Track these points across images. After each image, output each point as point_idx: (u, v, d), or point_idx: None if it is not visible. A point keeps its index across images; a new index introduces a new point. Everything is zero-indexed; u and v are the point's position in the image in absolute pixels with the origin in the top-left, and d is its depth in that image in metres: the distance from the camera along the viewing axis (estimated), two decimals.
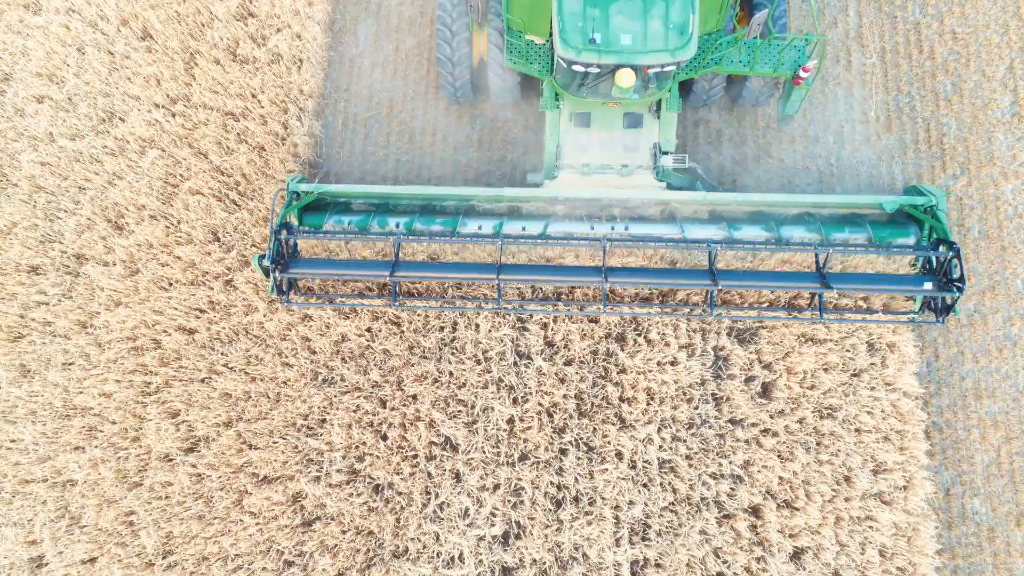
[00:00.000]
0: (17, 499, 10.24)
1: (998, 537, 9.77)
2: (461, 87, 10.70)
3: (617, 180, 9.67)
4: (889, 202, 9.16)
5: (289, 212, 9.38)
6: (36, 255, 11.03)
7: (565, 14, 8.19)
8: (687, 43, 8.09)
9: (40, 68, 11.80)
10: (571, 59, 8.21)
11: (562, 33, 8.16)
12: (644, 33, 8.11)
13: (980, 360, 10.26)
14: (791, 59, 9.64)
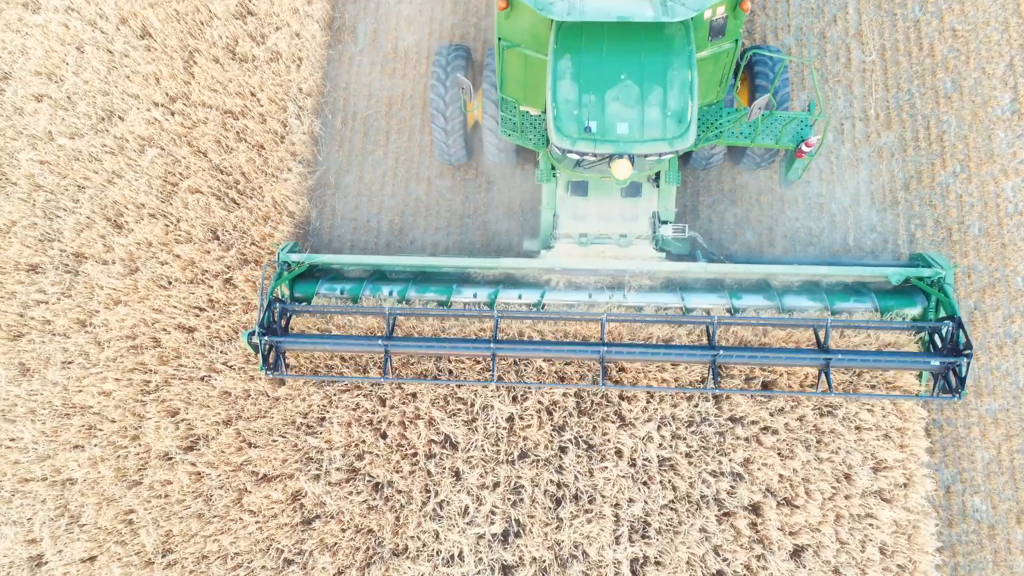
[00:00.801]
0: (16, 498, 10.23)
1: (998, 534, 9.75)
2: (455, 151, 10.48)
3: (616, 250, 9.34)
4: (895, 274, 8.94)
5: (280, 284, 9.12)
6: (35, 254, 11.03)
7: (560, 101, 7.78)
8: (685, 131, 7.73)
9: (39, 67, 11.80)
10: (566, 148, 7.89)
11: (556, 121, 7.78)
12: (641, 121, 7.73)
13: (980, 357, 10.25)
14: (793, 132, 9.39)
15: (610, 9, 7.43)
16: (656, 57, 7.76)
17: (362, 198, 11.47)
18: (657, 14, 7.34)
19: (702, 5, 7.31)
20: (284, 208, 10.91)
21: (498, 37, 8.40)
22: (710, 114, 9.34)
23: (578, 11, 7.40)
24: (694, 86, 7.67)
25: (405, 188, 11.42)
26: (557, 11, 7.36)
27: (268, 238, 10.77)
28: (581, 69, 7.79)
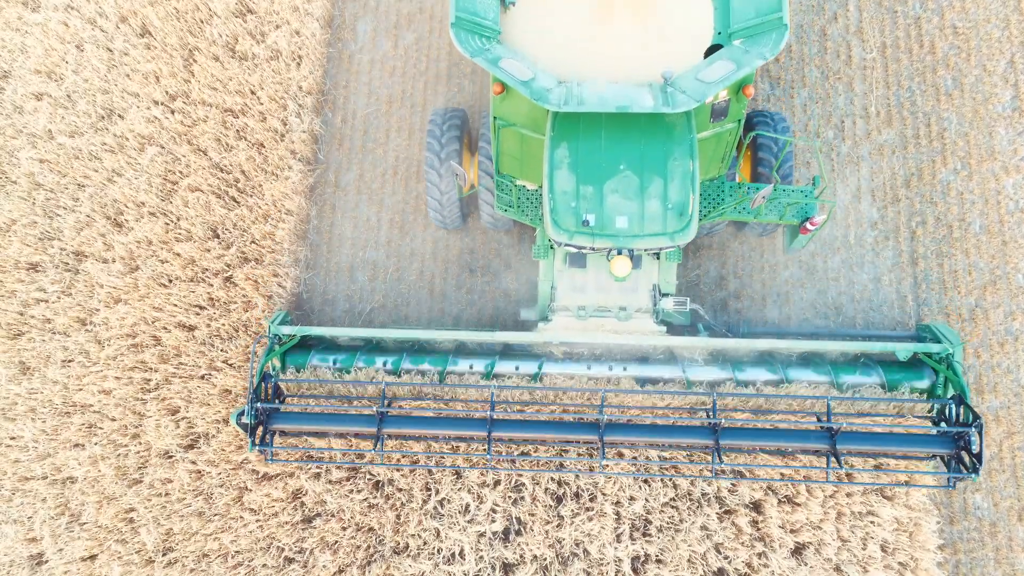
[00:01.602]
0: (17, 496, 10.23)
1: (1000, 532, 9.74)
2: (450, 218, 10.18)
3: (615, 324, 8.87)
4: (903, 350, 8.66)
5: (271, 358, 8.84)
6: (35, 252, 11.02)
7: (556, 193, 7.41)
8: (687, 226, 7.36)
9: (39, 65, 11.79)
10: (563, 242, 7.55)
11: (553, 214, 7.39)
12: (641, 214, 7.36)
13: (981, 355, 10.23)
14: (798, 208, 9.07)
15: (608, 98, 7.06)
16: (656, 146, 7.47)
17: (362, 196, 11.46)
18: (657, 104, 6.95)
19: (704, 95, 6.92)
20: (283, 206, 10.90)
21: (493, 116, 8.14)
22: (712, 189, 9.04)
23: (575, 100, 7.01)
24: (695, 177, 7.38)
25: (405, 186, 11.41)
26: (554, 100, 6.98)
27: (268, 237, 10.76)
28: (579, 158, 7.47)
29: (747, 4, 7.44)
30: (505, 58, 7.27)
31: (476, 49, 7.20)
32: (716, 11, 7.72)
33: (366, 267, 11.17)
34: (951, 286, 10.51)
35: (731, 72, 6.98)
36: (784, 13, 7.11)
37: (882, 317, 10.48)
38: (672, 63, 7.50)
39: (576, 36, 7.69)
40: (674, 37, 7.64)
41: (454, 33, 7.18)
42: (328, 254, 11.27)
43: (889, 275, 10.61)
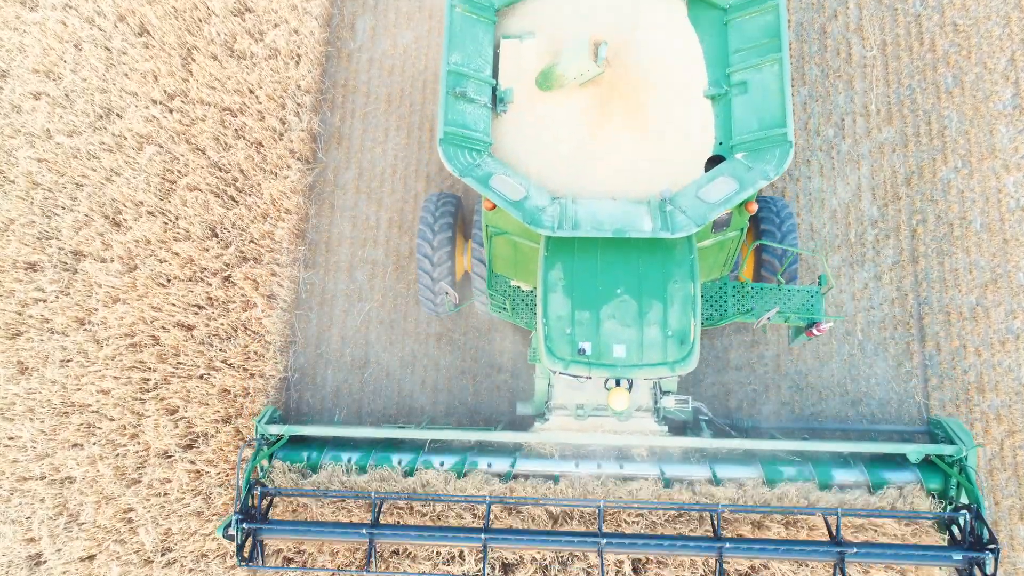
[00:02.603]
0: (15, 497, 10.20)
1: (1001, 531, 9.71)
2: (443, 305, 9.88)
3: (614, 424, 8.49)
4: (914, 452, 8.32)
5: (259, 462, 8.48)
6: (34, 252, 11.00)
7: (551, 318, 6.97)
8: (688, 354, 6.86)
9: (37, 64, 11.76)
10: (558, 371, 7.13)
11: (548, 341, 6.94)
12: (640, 342, 6.89)
13: (983, 354, 10.20)
14: (804, 310, 8.72)
15: (605, 221, 6.71)
16: (655, 268, 7.04)
17: (361, 195, 11.43)
18: (656, 228, 6.60)
19: (704, 219, 6.55)
20: (282, 205, 10.87)
21: (485, 224, 7.89)
22: (714, 291, 8.73)
23: (570, 222, 6.66)
24: (697, 301, 6.95)
25: (404, 185, 11.38)
26: (547, 223, 6.61)
27: (267, 236, 10.73)
28: (574, 281, 7.04)
29: (750, 115, 7.13)
30: (496, 174, 6.92)
31: (465, 167, 6.83)
32: (717, 119, 7.35)
33: (365, 266, 11.14)
34: (952, 284, 10.48)
35: (733, 192, 6.64)
36: (788, 129, 6.81)
37: (882, 316, 10.44)
38: (671, 176, 7.14)
39: (571, 146, 7.33)
40: (673, 148, 7.28)
41: (443, 151, 6.85)
42: (327, 253, 11.24)
43: (890, 273, 10.58)
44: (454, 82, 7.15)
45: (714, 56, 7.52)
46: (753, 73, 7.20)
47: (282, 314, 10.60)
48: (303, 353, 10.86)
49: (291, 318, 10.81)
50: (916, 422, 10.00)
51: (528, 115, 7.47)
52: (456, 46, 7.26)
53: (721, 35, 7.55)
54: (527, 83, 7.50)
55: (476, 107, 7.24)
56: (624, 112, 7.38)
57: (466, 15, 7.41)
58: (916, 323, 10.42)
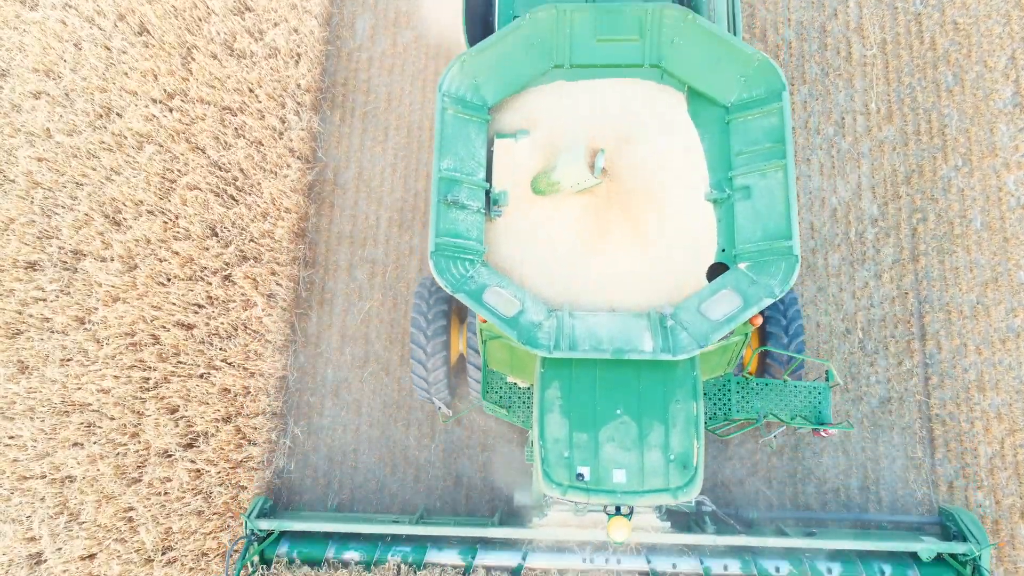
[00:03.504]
0: (16, 496, 10.20)
1: (1002, 530, 9.70)
2: (437, 390, 9.44)
3: None
4: (926, 550, 8.12)
5: (249, 559, 8.21)
6: (34, 251, 11.00)
7: (548, 441, 6.63)
8: (691, 480, 6.47)
9: (37, 64, 11.77)
10: (556, 497, 6.88)
11: (544, 464, 6.60)
12: (640, 468, 6.53)
13: (983, 352, 10.19)
14: (811, 408, 8.35)
15: (603, 339, 6.43)
16: (656, 387, 6.73)
17: (361, 194, 11.43)
18: (657, 348, 6.32)
19: (707, 340, 6.28)
20: (282, 204, 10.87)
21: (480, 329, 7.61)
22: (717, 387, 8.41)
23: (567, 341, 6.38)
24: (700, 422, 6.61)
25: (404, 183, 11.38)
26: (543, 342, 6.33)
27: (267, 235, 10.73)
28: (571, 401, 6.73)
29: (753, 223, 6.79)
30: (490, 287, 6.61)
31: (458, 281, 6.53)
32: (720, 224, 7.02)
33: (365, 265, 11.14)
34: (952, 282, 10.47)
35: (737, 310, 6.36)
36: (794, 243, 6.46)
37: (883, 314, 10.44)
38: (671, 285, 6.87)
39: (567, 253, 7.02)
40: (674, 255, 6.97)
41: (434, 264, 6.46)
42: (327, 252, 11.24)
43: (890, 271, 10.57)
44: (446, 189, 6.78)
45: (716, 156, 7.18)
46: (757, 178, 6.85)
47: (282, 313, 10.60)
48: (303, 352, 10.86)
49: (291, 317, 10.81)
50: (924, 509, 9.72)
51: (523, 220, 7.12)
52: (448, 150, 6.90)
53: (723, 134, 7.22)
54: (522, 185, 7.17)
55: (469, 213, 6.87)
56: (623, 218, 7.08)
57: (458, 116, 7.06)
58: (916, 321, 10.41)
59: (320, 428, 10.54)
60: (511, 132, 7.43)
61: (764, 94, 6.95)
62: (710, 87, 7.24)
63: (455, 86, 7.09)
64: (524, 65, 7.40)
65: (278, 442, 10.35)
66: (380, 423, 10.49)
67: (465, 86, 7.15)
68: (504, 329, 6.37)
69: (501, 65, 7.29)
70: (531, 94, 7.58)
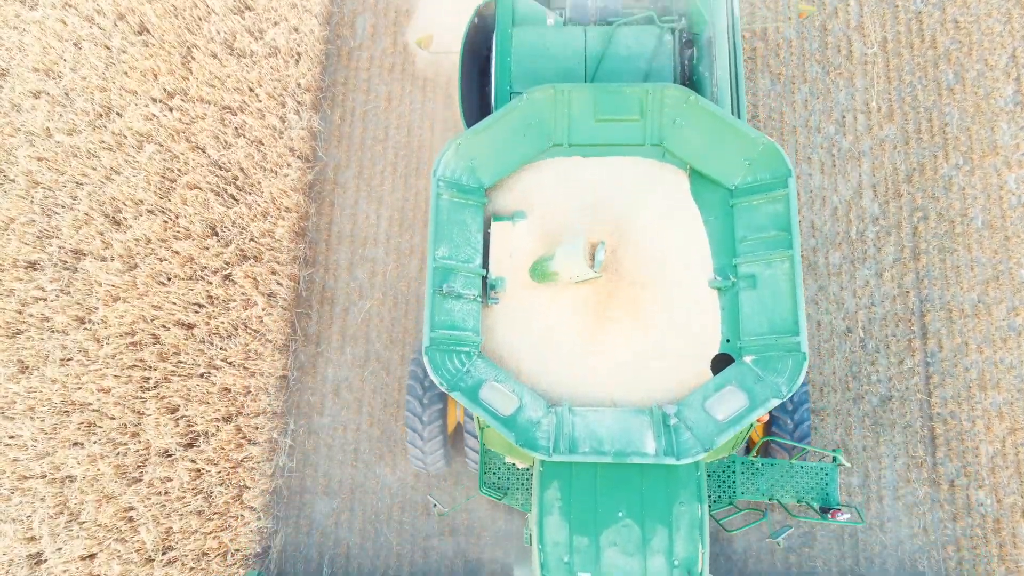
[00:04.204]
0: (16, 495, 10.19)
1: (1003, 528, 9.68)
2: (433, 463, 9.27)
3: None
4: None
5: None
6: (34, 251, 10.98)
7: (547, 544, 6.40)
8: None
9: (37, 63, 11.75)
10: None
11: (544, 570, 6.40)
12: (643, 572, 6.31)
13: (984, 350, 10.18)
14: (818, 489, 7.95)
15: (604, 439, 6.18)
16: (659, 488, 6.46)
17: (361, 193, 11.42)
18: (660, 451, 6.06)
19: (712, 442, 6.09)
20: (282, 204, 10.86)
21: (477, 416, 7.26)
22: (721, 468, 8.03)
23: (566, 442, 6.13)
24: (705, 525, 6.35)
25: (405, 182, 11.36)
26: (541, 444, 6.08)
27: (267, 234, 10.72)
28: (571, 502, 6.49)
29: (759, 314, 6.55)
30: (487, 381, 6.39)
31: (454, 378, 6.32)
32: (724, 312, 6.74)
33: (365, 264, 11.13)
34: (953, 281, 10.46)
35: (743, 410, 6.16)
36: (802, 339, 6.21)
37: (884, 313, 10.42)
38: (674, 376, 6.64)
39: (566, 343, 6.76)
40: (677, 346, 6.70)
41: (428, 360, 6.22)
42: (327, 251, 11.23)
43: (891, 270, 10.56)
44: (441, 279, 6.53)
45: (720, 241, 6.89)
46: (762, 267, 6.58)
47: (282, 312, 10.59)
48: (303, 351, 10.85)
49: (291, 316, 10.80)
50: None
51: (521, 307, 6.86)
52: (443, 237, 6.63)
53: (727, 217, 6.94)
54: (519, 271, 6.91)
55: (465, 302, 6.62)
56: (624, 306, 6.79)
57: (454, 201, 6.78)
58: (918, 320, 10.40)
59: (320, 427, 10.53)
60: (508, 214, 7.16)
61: (769, 179, 6.69)
62: (713, 169, 6.99)
63: (450, 170, 6.84)
64: (521, 145, 7.15)
65: (279, 441, 10.35)
66: (381, 422, 10.48)
67: (461, 169, 6.90)
68: (501, 431, 6.14)
69: (498, 146, 7.04)
70: (528, 172, 7.31)
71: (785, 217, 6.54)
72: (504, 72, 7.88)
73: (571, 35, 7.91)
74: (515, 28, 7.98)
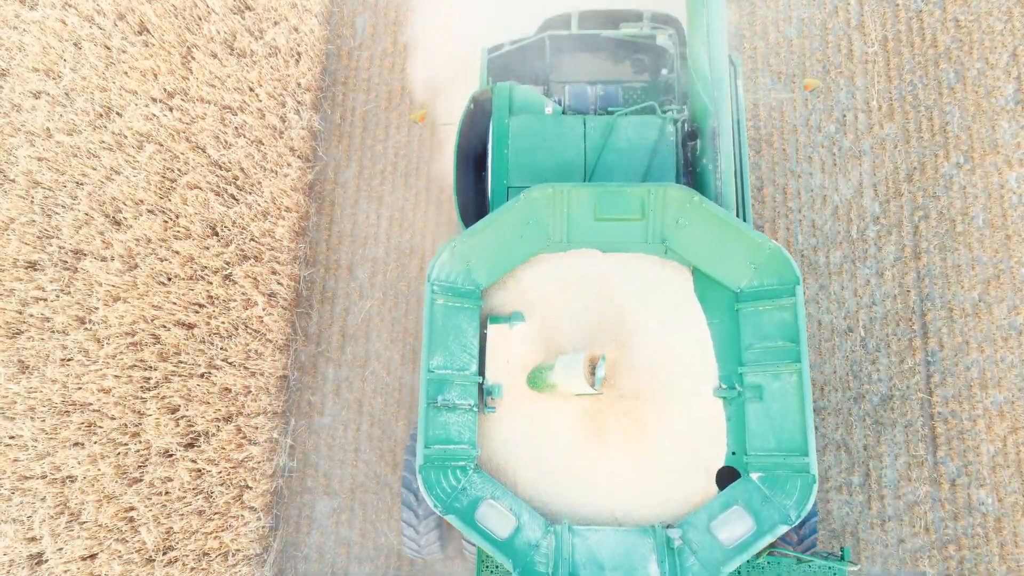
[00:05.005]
0: (16, 496, 10.18)
1: (1004, 528, 9.68)
2: (428, 548, 8.97)
3: None
4: None
5: None
6: (34, 251, 10.97)
7: None
8: None
9: (37, 63, 11.74)
10: None
11: None
12: None
13: (985, 349, 10.18)
14: None
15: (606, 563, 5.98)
16: None
17: (361, 192, 11.42)
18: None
19: (719, 573, 5.91)
20: (282, 204, 10.85)
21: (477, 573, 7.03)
22: None
23: (567, 566, 5.94)
24: None
25: (405, 182, 11.36)
26: (540, 571, 5.92)
27: (268, 234, 10.71)
28: None
29: (767, 428, 6.31)
30: (484, 499, 6.20)
31: (448, 499, 6.10)
32: (729, 423, 6.49)
33: (366, 263, 11.13)
34: (954, 280, 10.45)
35: (750, 536, 5.97)
36: (811, 460, 5.98)
37: (884, 312, 10.42)
38: (678, 491, 6.43)
39: (566, 456, 6.52)
40: (681, 459, 6.48)
41: (423, 479, 5.99)
42: (327, 251, 11.23)
43: (892, 269, 10.56)
44: (435, 391, 6.29)
45: (725, 345, 6.65)
46: (769, 379, 6.34)
47: (283, 312, 10.59)
48: (303, 351, 10.84)
49: (292, 316, 10.80)
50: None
51: (518, 416, 6.62)
52: (437, 346, 6.39)
53: (732, 320, 6.68)
54: (517, 377, 6.67)
55: (461, 413, 6.39)
56: (626, 417, 6.56)
57: (449, 306, 6.52)
58: (918, 319, 10.39)
59: (321, 427, 10.53)
60: (505, 314, 6.84)
61: (776, 285, 6.45)
62: (718, 271, 6.73)
63: (445, 272, 6.55)
64: (519, 244, 6.88)
65: (279, 441, 10.34)
66: (381, 421, 10.48)
67: (456, 271, 6.62)
68: (498, 556, 5.93)
69: (494, 246, 6.76)
70: (526, 269, 7.01)
71: (793, 327, 6.29)
72: (501, 166, 7.61)
73: (570, 126, 7.63)
74: (512, 118, 7.68)
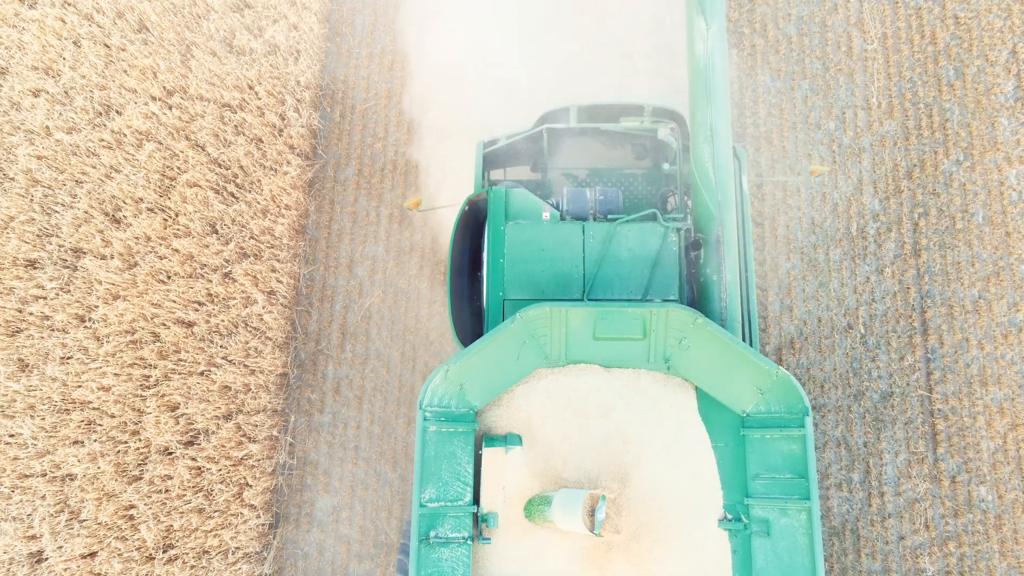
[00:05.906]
0: (16, 494, 10.18)
1: (1005, 524, 9.68)
2: None
3: None
4: None
5: None
6: (33, 249, 10.97)
7: None
8: None
9: (36, 62, 11.73)
10: None
11: None
12: None
13: (985, 346, 10.17)
14: None
15: None
16: None
17: (361, 191, 11.41)
18: None
19: None
20: (282, 201, 10.85)
21: None
22: None
23: None
24: None
25: (404, 180, 11.36)
26: None
27: (267, 232, 10.71)
28: None
29: (774, 567, 5.99)
30: None
31: None
32: (735, 555, 6.17)
33: (365, 261, 11.12)
34: (954, 277, 10.45)
35: None
36: None
37: (884, 309, 10.41)
38: None
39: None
40: None
41: None
42: (327, 249, 11.23)
43: (892, 267, 10.55)
44: (428, 526, 6.02)
45: (730, 472, 6.33)
46: (777, 514, 6.05)
47: (282, 310, 10.58)
48: (303, 349, 10.84)
49: (291, 314, 10.80)
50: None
51: (515, 547, 6.34)
52: (430, 477, 6.11)
53: (738, 446, 6.37)
54: (513, 504, 6.40)
55: (455, 547, 6.13)
56: (627, 551, 6.27)
57: (442, 433, 6.24)
58: (918, 316, 10.39)
59: (321, 425, 10.53)
60: (501, 434, 6.56)
61: (784, 414, 6.11)
62: (723, 394, 6.34)
63: (438, 396, 6.25)
64: (515, 364, 6.60)
65: (279, 439, 10.34)
66: (381, 419, 10.48)
67: (450, 394, 6.33)
68: None
69: (489, 366, 6.43)
70: (523, 386, 6.71)
71: (802, 461, 5.97)
72: (497, 277, 7.34)
73: (568, 233, 7.32)
74: (508, 224, 7.41)
